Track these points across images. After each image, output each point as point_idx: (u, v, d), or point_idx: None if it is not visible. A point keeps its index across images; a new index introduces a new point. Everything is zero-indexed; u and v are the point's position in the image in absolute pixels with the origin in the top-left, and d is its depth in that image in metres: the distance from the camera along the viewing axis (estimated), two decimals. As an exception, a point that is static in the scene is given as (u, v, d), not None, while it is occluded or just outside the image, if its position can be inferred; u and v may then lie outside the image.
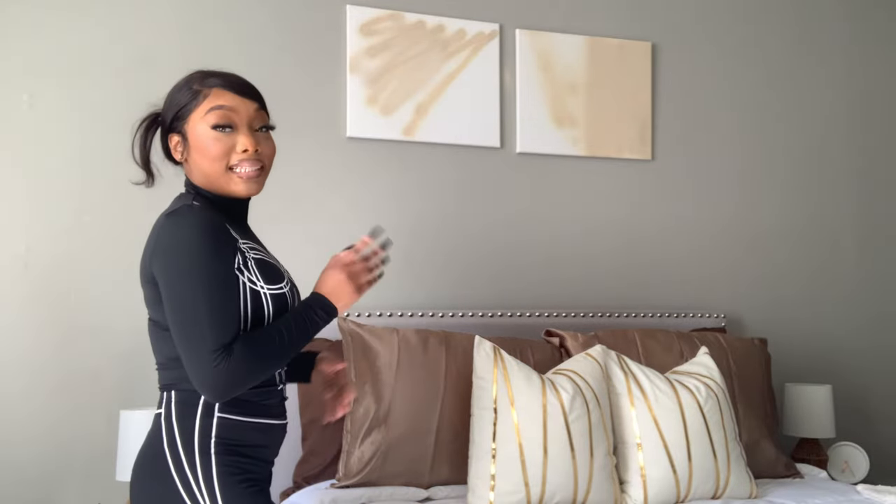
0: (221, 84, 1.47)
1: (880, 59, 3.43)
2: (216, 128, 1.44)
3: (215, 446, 1.41)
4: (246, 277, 1.42)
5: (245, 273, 1.42)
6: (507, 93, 2.87)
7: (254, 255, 1.46)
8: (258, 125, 1.50)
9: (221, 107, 1.44)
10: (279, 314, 1.45)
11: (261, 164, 1.49)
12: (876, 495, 2.28)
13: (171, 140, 1.49)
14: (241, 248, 1.44)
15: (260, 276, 1.43)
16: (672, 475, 2.22)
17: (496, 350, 2.23)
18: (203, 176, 1.47)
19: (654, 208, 3.06)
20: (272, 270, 1.47)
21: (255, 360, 1.37)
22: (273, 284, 1.45)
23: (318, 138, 2.67)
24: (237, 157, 1.46)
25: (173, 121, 1.48)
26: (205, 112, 1.44)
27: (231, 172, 1.46)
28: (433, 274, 2.78)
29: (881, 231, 3.40)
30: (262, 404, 1.47)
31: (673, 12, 3.12)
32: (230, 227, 1.45)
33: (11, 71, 2.40)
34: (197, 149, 1.45)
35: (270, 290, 1.44)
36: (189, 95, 1.46)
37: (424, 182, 2.79)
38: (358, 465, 2.21)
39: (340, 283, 1.47)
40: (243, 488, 1.41)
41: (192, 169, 1.49)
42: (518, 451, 2.10)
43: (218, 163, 1.45)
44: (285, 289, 1.48)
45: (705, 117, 3.15)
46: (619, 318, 2.90)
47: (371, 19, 2.71)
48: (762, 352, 2.79)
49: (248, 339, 1.37)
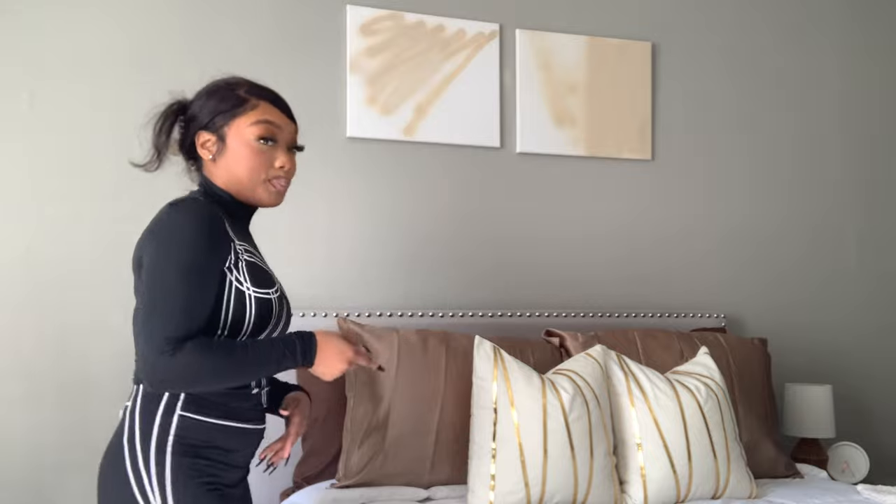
0: (271, 100, 1.54)
1: (881, 60, 3.43)
2: (261, 140, 1.50)
3: (173, 445, 1.41)
4: (234, 276, 1.44)
5: (234, 272, 1.44)
6: (507, 93, 2.87)
7: (247, 257, 1.48)
8: (292, 145, 1.58)
9: (271, 122, 1.51)
10: (262, 319, 1.47)
11: (286, 181, 1.57)
12: (876, 495, 2.28)
13: (199, 136, 1.53)
14: (236, 248, 1.47)
15: (248, 277, 1.46)
16: (672, 475, 2.22)
17: (496, 350, 2.23)
18: (233, 180, 1.51)
19: (653, 208, 3.06)
20: (262, 275, 1.50)
21: (203, 366, 1.37)
22: (260, 288, 1.47)
23: (318, 138, 2.67)
24: (274, 172, 1.53)
25: (210, 120, 1.51)
26: (253, 121, 1.50)
27: (266, 183, 1.53)
28: (433, 274, 2.78)
29: (881, 231, 3.40)
30: (231, 407, 1.47)
31: (673, 12, 3.12)
32: (231, 226, 1.48)
33: (11, 71, 2.40)
34: (238, 155, 1.50)
35: (256, 293, 1.46)
36: (235, 101, 1.51)
37: (424, 182, 2.79)
38: (358, 465, 2.21)
39: (338, 352, 1.49)
40: (197, 487, 1.41)
41: (218, 169, 1.52)
42: (518, 451, 2.10)
43: (257, 173, 1.51)
44: (272, 295, 1.50)
45: (705, 117, 3.15)
46: (619, 318, 2.90)
47: (371, 19, 2.71)
48: (762, 352, 2.79)
49: (206, 344, 1.38)
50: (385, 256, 2.73)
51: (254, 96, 1.53)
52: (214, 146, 1.52)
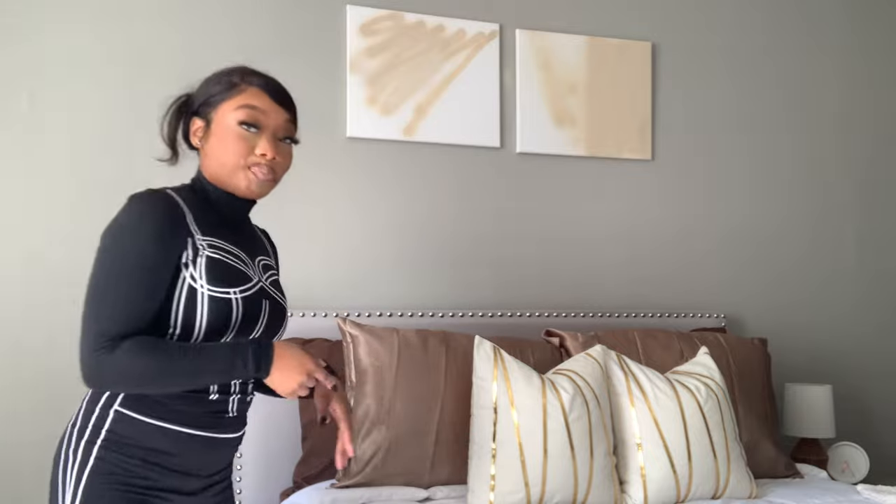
0: (260, 85, 1.48)
1: (882, 60, 3.43)
2: (243, 125, 1.43)
3: (103, 440, 1.36)
4: (188, 273, 1.35)
5: (189, 268, 1.35)
6: (507, 93, 2.87)
7: (210, 252, 1.39)
8: (283, 135, 1.49)
9: (254, 107, 1.44)
10: (219, 321, 1.36)
11: (273, 173, 1.47)
12: (876, 495, 2.27)
13: (193, 123, 1.49)
14: (197, 244, 1.38)
15: (205, 274, 1.36)
16: (672, 475, 2.22)
17: (496, 350, 2.23)
18: (218, 168, 1.45)
19: (653, 208, 3.06)
20: (225, 272, 1.39)
21: (135, 369, 1.29)
22: (218, 286, 1.37)
23: (318, 138, 2.67)
24: (254, 160, 1.44)
25: (201, 105, 1.47)
26: (236, 106, 1.44)
27: (246, 170, 1.44)
28: (433, 274, 2.78)
29: (881, 231, 3.40)
30: (175, 409, 1.38)
31: (673, 12, 3.12)
32: (201, 219, 1.41)
33: (12, 70, 2.40)
34: (219, 139, 1.44)
35: (210, 292, 1.36)
36: (225, 85, 1.47)
37: (424, 182, 2.79)
38: (358, 465, 2.21)
39: (297, 364, 1.37)
40: (108, 487, 1.34)
41: (206, 157, 1.47)
42: (518, 451, 2.10)
43: (237, 159, 1.43)
44: (234, 295, 1.38)
45: (705, 117, 3.15)
46: (619, 318, 2.90)
47: (371, 19, 2.71)
48: (762, 352, 2.79)
49: (143, 344, 1.30)
50: (385, 256, 2.73)
51: (244, 81, 1.47)
52: (201, 132, 1.47)
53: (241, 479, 2.43)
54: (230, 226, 1.49)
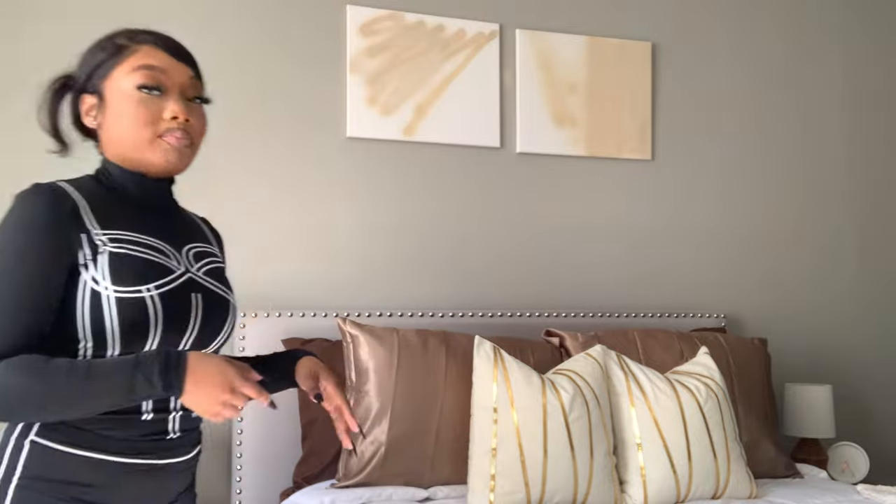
0: (153, 42, 1.26)
1: (881, 59, 3.43)
2: (143, 89, 1.22)
3: (20, 479, 1.14)
4: (89, 275, 1.15)
5: (89, 269, 1.15)
6: (507, 93, 2.87)
7: (113, 247, 1.18)
8: (192, 95, 1.28)
9: (151, 67, 1.23)
10: (134, 327, 1.16)
11: (190, 137, 1.26)
12: (876, 495, 2.28)
13: (83, 103, 1.26)
14: (95, 239, 1.17)
15: (109, 273, 1.15)
16: (672, 475, 2.22)
17: (496, 350, 2.23)
18: (120, 145, 1.23)
19: (654, 208, 3.06)
20: (134, 268, 1.18)
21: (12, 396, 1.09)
22: (125, 286, 1.15)
23: (318, 138, 2.67)
24: (165, 125, 1.23)
25: (88, 80, 1.25)
26: (131, 69, 1.22)
27: (157, 140, 1.23)
28: (433, 274, 2.78)
29: (881, 231, 3.40)
30: (105, 436, 1.17)
31: (673, 12, 3.12)
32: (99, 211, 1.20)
33: (12, 70, 2.40)
34: (117, 112, 1.22)
35: (117, 293, 1.15)
36: (111, 50, 1.25)
37: (424, 182, 2.79)
38: (358, 465, 2.21)
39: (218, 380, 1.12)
40: None
41: (107, 138, 1.25)
42: (518, 451, 2.10)
43: (143, 129, 1.22)
44: (146, 293, 1.17)
45: (705, 117, 3.15)
46: (619, 318, 2.90)
47: (371, 19, 2.71)
48: (762, 352, 2.79)
49: (22, 365, 1.09)
50: (385, 256, 2.73)
51: (133, 41, 1.25)
52: (95, 110, 1.25)
53: (241, 479, 2.42)
54: (146, 213, 1.27)
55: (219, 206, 2.55)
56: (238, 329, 2.43)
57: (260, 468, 2.44)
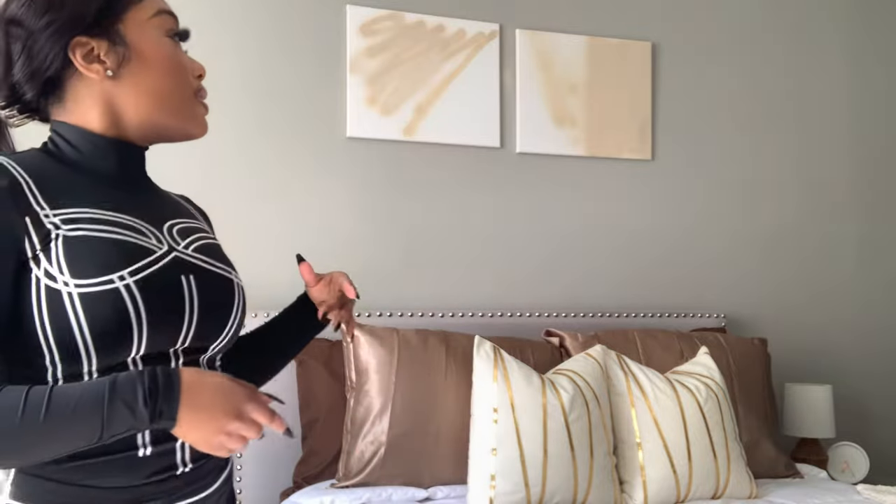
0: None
1: (882, 59, 3.43)
2: (175, 36, 1.04)
3: None
4: (41, 270, 0.88)
5: (41, 263, 0.88)
6: (507, 93, 2.87)
7: (69, 230, 0.91)
8: None
9: (171, 13, 1.05)
10: (108, 327, 0.89)
11: None
12: (876, 495, 2.27)
13: (76, 48, 0.97)
14: (45, 223, 0.90)
15: (66, 264, 0.89)
16: (672, 475, 2.22)
17: (496, 350, 2.23)
18: (153, 103, 1.00)
19: (654, 208, 3.06)
20: (97, 252, 0.91)
21: None
22: (88, 276, 0.89)
23: (318, 138, 2.67)
24: (196, 83, 1.06)
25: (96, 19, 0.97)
26: (152, 13, 1.02)
27: (196, 102, 1.05)
28: (433, 274, 2.78)
29: (882, 231, 3.40)
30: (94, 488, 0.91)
31: (673, 12, 3.12)
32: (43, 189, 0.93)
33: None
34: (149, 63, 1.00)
35: (82, 288, 0.88)
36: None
37: (424, 182, 2.79)
38: (358, 465, 2.21)
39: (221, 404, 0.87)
40: None
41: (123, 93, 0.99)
42: (518, 451, 2.10)
43: (188, 86, 1.04)
44: (118, 282, 0.90)
45: (705, 117, 3.15)
46: (619, 318, 2.90)
47: (371, 19, 2.71)
48: (762, 352, 2.79)
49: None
50: (384, 256, 2.73)
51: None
52: (111, 55, 0.98)
53: (241, 479, 2.42)
54: (115, 190, 1.01)
55: (218, 205, 2.55)
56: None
57: (260, 468, 2.44)
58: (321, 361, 2.42)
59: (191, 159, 2.53)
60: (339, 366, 2.40)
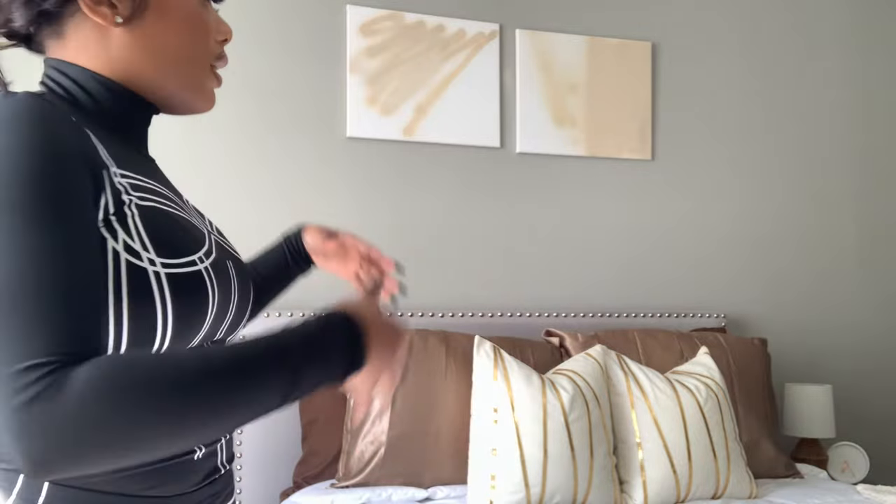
0: None
1: (882, 59, 3.43)
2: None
3: None
4: (120, 241, 0.73)
5: (119, 232, 0.73)
6: (507, 93, 2.87)
7: (139, 197, 0.77)
8: None
9: None
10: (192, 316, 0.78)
11: None
12: (876, 495, 2.27)
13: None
14: (115, 182, 0.75)
15: (148, 238, 0.75)
16: (672, 475, 2.22)
17: (496, 350, 2.23)
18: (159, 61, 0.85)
19: (653, 208, 3.06)
20: (175, 229, 0.79)
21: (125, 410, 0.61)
22: (177, 257, 0.77)
23: (318, 138, 2.67)
24: (218, 49, 0.92)
25: None
26: None
27: (211, 71, 0.92)
28: (433, 274, 2.78)
29: (882, 231, 3.40)
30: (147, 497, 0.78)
31: (673, 12, 3.12)
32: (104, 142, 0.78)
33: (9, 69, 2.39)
34: (169, 15, 0.85)
35: (169, 269, 0.76)
36: None
37: (424, 182, 2.79)
38: (358, 465, 2.21)
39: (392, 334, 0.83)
40: None
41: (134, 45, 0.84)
42: (518, 451, 2.10)
43: (206, 49, 0.90)
44: (201, 264, 0.80)
45: (705, 117, 3.15)
46: (619, 318, 2.90)
47: (371, 19, 2.71)
48: (762, 352, 2.79)
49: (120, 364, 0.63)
50: (385, 256, 2.73)
51: None
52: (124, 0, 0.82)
53: (241, 479, 2.43)
54: (137, 149, 0.89)
55: (218, 205, 2.55)
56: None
57: (260, 468, 2.44)
58: (321, 361, 2.42)
59: (191, 159, 2.53)
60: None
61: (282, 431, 2.44)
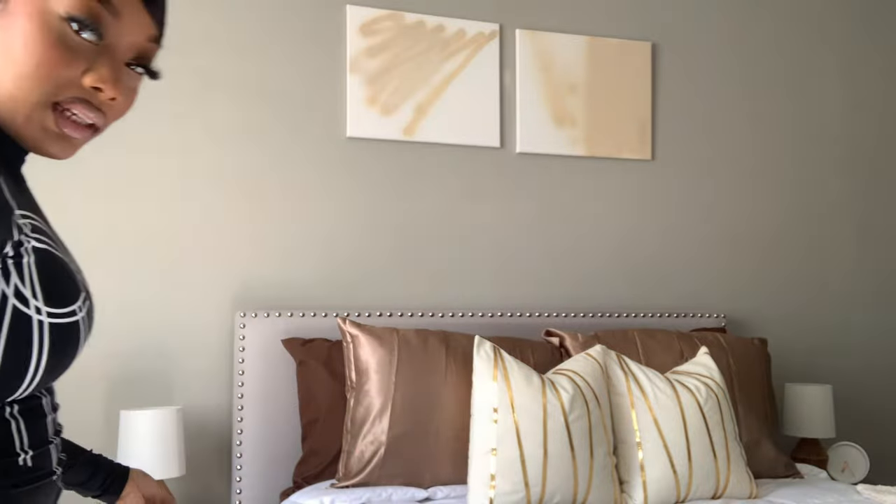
0: None
1: (881, 59, 3.43)
2: (73, 22, 0.75)
3: None
4: (11, 286, 0.70)
5: (13, 275, 0.70)
6: (507, 93, 2.87)
7: (35, 239, 0.74)
8: (132, 57, 0.83)
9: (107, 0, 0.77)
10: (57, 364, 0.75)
11: (102, 121, 0.82)
12: (876, 495, 2.27)
13: None
14: (19, 224, 0.73)
15: (39, 285, 0.72)
16: (672, 475, 2.22)
17: (496, 350, 2.23)
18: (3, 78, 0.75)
19: (653, 208, 3.06)
20: (62, 276, 0.76)
21: None
22: (60, 307, 0.74)
23: (318, 138, 2.67)
24: (76, 91, 0.78)
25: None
26: None
27: (52, 113, 0.77)
28: (433, 274, 2.78)
29: (881, 231, 3.40)
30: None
31: (673, 12, 3.12)
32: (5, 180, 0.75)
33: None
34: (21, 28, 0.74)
35: (53, 318, 0.73)
36: None
37: (424, 182, 2.79)
38: (358, 465, 2.21)
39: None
40: None
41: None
42: (518, 451, 2.10)
43: (40, 81, 0.75)
44: (79, 314, 0.77)
45: (705, 117, 3.15)
46: (619, 318, 2.90)
47: (371, 19, 2.71)
48: (762, 352, 2.79)
49: None
50: (385, 256, 2.73)
51: None
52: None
53: (241, 479, 2.42)
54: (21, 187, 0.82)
55: (218, 205, 2.55)
56: (238, 329, 2.43)
57: (260, 468, 2.44)
58: (321, 361, 2.42)
59: (190, 159, 2.53)
60: (339, 366, 2.40)
61: (282, 431, 2.44)
